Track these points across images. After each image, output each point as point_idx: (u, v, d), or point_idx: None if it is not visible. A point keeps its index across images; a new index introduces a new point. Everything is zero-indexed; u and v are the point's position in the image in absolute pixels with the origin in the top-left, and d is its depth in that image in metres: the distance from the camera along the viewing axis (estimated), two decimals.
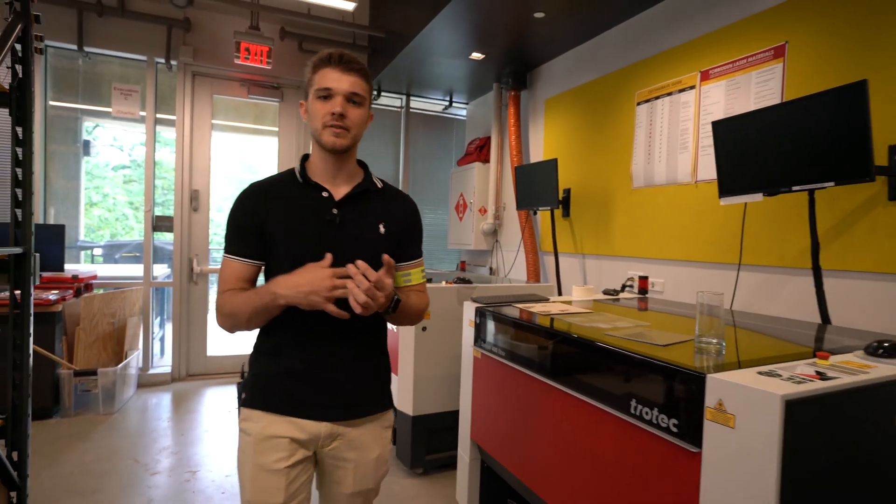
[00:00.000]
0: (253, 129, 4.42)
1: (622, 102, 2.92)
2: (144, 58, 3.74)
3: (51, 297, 3.04)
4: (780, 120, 1.67)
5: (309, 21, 3.93)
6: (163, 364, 4.11)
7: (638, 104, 2.80)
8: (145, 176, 3.83)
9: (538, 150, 3.71)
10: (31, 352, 1.67)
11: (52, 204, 3.74)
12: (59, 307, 3.12)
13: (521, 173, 3.36)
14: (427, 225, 4.93)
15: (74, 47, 3.50)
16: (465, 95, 4.57)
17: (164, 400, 3.53)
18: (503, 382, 1.77)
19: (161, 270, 4.18)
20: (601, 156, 3.07)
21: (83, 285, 3.41)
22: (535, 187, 3.19)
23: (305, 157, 1.21)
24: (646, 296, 2.40)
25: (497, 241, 4.16)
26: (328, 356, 1.13)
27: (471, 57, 3.52)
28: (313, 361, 1.12)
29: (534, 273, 3.55)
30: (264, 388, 1.14)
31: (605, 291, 2.37)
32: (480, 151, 4.22)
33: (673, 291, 2.54)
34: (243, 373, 1.23)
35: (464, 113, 4.89)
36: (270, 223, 1.12)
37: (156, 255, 3.99)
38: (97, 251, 4.77)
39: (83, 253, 4.22)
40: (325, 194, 1.15)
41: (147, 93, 3.77)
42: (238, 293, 1.10)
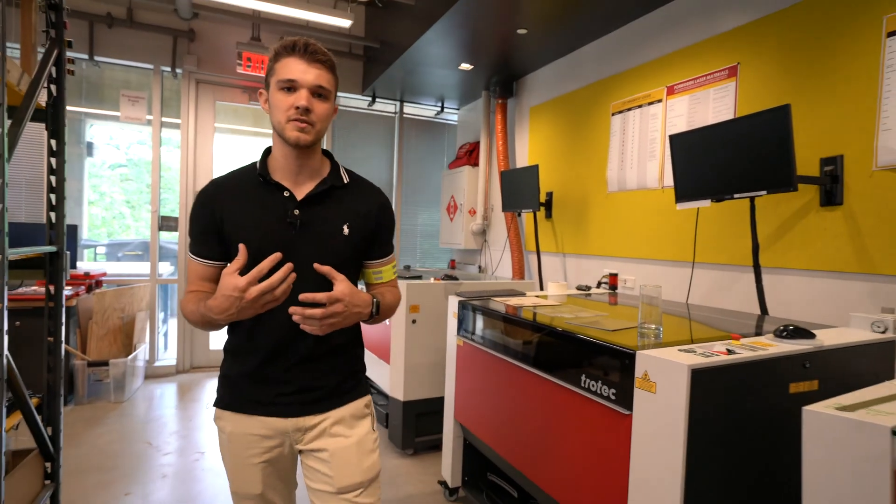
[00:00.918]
0: (252, 132, 4.64)
1: (599, 112, 3.15)
2: (151, 66, 3.95)
3: (66, 293, 3.24)
4: (723, 136, 1.91)
5: (308, 32, 4.14)
6: (167, 357, 4.32)
7: (613, 115, 3.03)
8: (152, 179, 4.04)
9: (524, 154, 3.94)
10: (63, 339, 1.89)
11: None
12: (74, 302, 3.32)
13: (506, 177, 3.59)
14: (420, 224, 5.16)
15: (86, 56, 3.71)
16: (456, 102, 4.79)
17: (170, 390, 3.74)
18: (482, 366, 2.00)
19: (165, 268, 4.38)
20: (580, 161, 3.31)
21: (94, 282, 3.61)
22: (519, 191, 3.42)
23: (267, 152, 1.15)
24: (615, 291, 2.64)
25: (485, 240, 4.39)
26: (286, 355, 1.10)
27: (460, 67, 3.74)
28: (271, 361, 1.10)
29: (519, 271, 3.78)
30: (229, 388, 1.15)
31: (579, 287, 2.60)
32: (470, 155, 4.45)
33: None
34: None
35: (455, 118, 5.12)
36: (228, 223, 1.08)
37: (160, 253, 4.19)
38: (100, 249, 4.97)
39: (86, 251, 4.42)
40: (286, 194, 1.10)
41: (153, 99, 3.98)
42: (195, 298, 1.07)
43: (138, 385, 3.75)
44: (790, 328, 1.36)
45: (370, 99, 4.70)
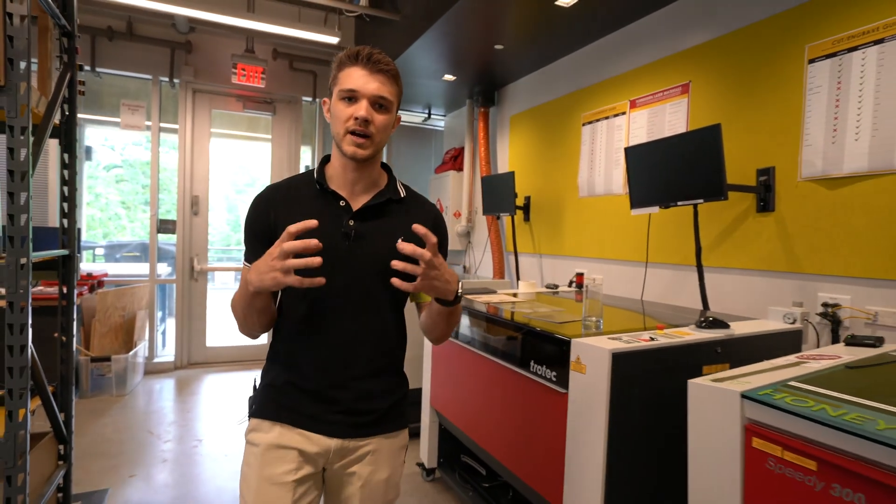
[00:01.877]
0: (247, 137, 4.85)
1: (571, 122, 3.37)
2: (150, 76, 4.14)
3: None
4: (668, 149, 2.13)
5: (299, 44, 4.35)
6: (166, 354, 4.52)
7: (583, 125, 3.26)
8: (151, 183, 4.24)
9: (505, 160, 4.16)
10: (74, 334, 2.09)
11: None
12: (78, 301, 3.52)
13: (486, 183, 3.81)
14: None
15: (88, 68, 3.90)
16: (443, 109, 5.01)
17: (168, 385, 3.94)
18: (454, 357, 2.22)
19: (163, 269, 4.58)
20: (555, 167, 3.53)
21: (96, 282, 3.81)
22: (498, 196, 3.64)
23: (326, 159, 1.12)
24: (581, 289, 2.86)
25: (470, 241, 4.61)
26: (341, 371, 1.06)
27: (444, 78, 3.96)
28: (325, 376, 1.06)
29: (499, 271, 4.00)
30: (274, 398, 1.09)
31: (547, 286, 2.82)
32: (455, 160, 4.67)
33: (608, 286, 3.00)
34: (255, 385, 1.20)
35: (442, 124, 5.34)
36: (282, 228, 0.99)
37: (158, 254, 4.39)
38: (98, 251, 5.16)
39: (85, 253, 4.60)
40: (342, 203, 1.07)
41: (152, 108, 4.17)
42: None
43: (138, 380, 3.94)
44: (709, 319, 1.58)
45: None
